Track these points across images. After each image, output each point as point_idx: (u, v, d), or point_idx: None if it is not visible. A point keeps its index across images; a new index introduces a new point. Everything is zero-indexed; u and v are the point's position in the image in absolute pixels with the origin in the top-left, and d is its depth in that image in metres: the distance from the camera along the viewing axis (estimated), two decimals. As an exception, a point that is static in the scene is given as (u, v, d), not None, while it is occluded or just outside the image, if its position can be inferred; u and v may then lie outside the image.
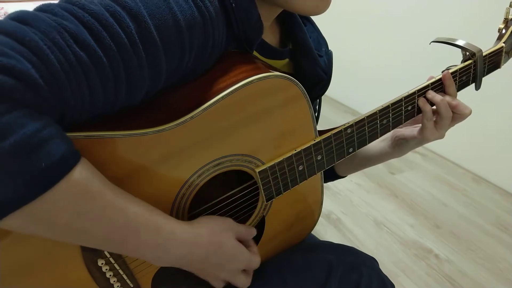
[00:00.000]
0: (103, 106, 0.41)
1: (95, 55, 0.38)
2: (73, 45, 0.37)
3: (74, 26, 0.37)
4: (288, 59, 0.66)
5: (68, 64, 0.36)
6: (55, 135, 0.35)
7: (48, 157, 0.34)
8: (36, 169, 0.34)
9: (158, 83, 0.45)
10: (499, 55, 0.73)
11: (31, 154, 0.33)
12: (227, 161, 0.53)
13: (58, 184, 0.36)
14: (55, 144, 0.35)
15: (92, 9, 0.38)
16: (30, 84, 0.34)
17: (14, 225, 0.37)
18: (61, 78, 0.36)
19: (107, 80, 0.39)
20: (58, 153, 0.35)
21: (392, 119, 0.65)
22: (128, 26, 0.39)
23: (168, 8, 0.42)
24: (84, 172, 0.38)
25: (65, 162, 0.36)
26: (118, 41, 0.39)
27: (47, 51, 0.35)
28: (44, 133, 0.34)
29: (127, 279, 0.52)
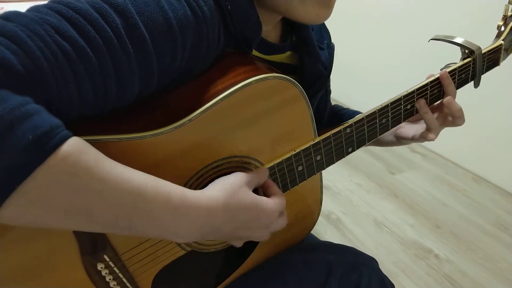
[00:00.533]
0: (95, 103, 0.41)
1: (78, 45, 0.37)
2: (54, 35, 0.36)
3: (56, 20, 0.37)
4: (290, 52, 0.66)
5: (49, 52, 0.36)
6: (41, 110, 0.34)
7: (34, 129, 0.32)
8: (23, 143, 0.31)
9: (150, 82, 0.44)
10: (498, 53, 0.73)
11: (16, 128, 0.31)
12: (226, 163, 0.53)
13: (49, 158, 0.33)
14: (41, 118, 0.33)
15: (77, 6, 0.38)
16: (9, 70, 0.33)
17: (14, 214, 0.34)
18: (43, 65, 0.35)
19: (93, 72, 0.39)
20: (46, 125, 0.33)
21: (391, 118, 0.65)
22: (114, 21, 0.39)
23: (158, 6, 0.42)
24: (77, 144, 0.35)
25: (54, 134, 0.33)
26: (103, 34, 0.38)
27: (26, 39, 0.34)
28: (28, 107, 0.33)
29: (126, 283, 0.52)
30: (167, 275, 0.56)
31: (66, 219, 0.36)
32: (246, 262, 0.65)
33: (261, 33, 0.54)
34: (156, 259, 0.53)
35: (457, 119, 0.67)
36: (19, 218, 0.35)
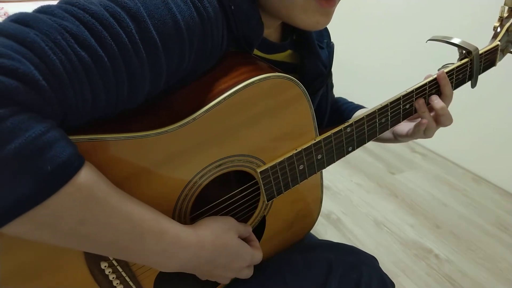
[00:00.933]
0: (105, 108, 0.41)
1: (97, 54, 0.38)
2: (74, 45, 0.36)
3: (74, 27, 0.37)
4: (290, 50, 0.66)
5: (70, 65, 0.36)
6: (60, 138, 0.35)
7: (53, 160, 0.34)
8: (42, 172, 0.33)
9: (158, 84, 0.45)
10: (495, 53, 0.73)
11: (36, 157, 0.33)
12: (229, 162, 0.53)
13: (64, 187, 0.35)
14: (60, 147, 0.35)
15: (92, 9, 0.38)
16: (33, 86, 0.34)
17: (18, 231, 0.36)
18: (64, 78, 0.36)
19: (108, 80, 0.39)
20: (64, 156, 0.35)
21: (391, 118, 0.66)
22: (128, 26, 0.39)
23: (167, 8, 0.42)
24: (89, 175, 0.38)
25: (70, 165, 0.35)
26: (119, 41, 0.39)
27: (49, 52, 0.35)
28: (48, 136, 0.34)
29: (129, 282, 0.52)
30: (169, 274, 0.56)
31: (67, 242, 0.40)
32: (247, 261, 0.65)
33: (262, 34, 0.55)
34: (159, 257, 0.53)
35: (441, 117, 0.68)
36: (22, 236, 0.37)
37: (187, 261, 0.48)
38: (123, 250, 0.43)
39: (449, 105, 0.69)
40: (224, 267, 0.53)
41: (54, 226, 0.37)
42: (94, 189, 0.38)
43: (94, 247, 0.41)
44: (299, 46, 0.66)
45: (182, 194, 0.51)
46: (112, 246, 0.42)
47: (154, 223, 0.44)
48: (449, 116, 0.68)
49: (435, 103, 0.67)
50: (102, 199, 0.39)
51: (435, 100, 0.68)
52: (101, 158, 0.43)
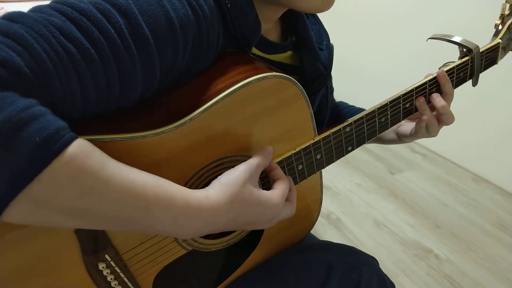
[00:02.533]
0: (97, 104, 0.41)
1: (83, 46, 0.37)
2: (59, 36, 0.36)
3: (60, 21, 0.37)
4: (290, 52, 0.66)
5: (54, 53, 0.36)
6: (47, 112, 0.34)
7: (41, 131, 0.32)
8: (30, 145, 0.32)
9: (152, 82, 0.44)
10: (496, 51, 0.73)
11: (23, 130, 0.32)
12: (227, 162, 0.53)
13: (56, 159, 0.33)
14: (47, 120, 0.33)
15: (81, 6, 0.38)
16: (16, 72, 0.33)
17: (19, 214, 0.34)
18: (48, 66, 0.35)
19: (97, 73, 0.39)
20: (52, 128, 0.33)
21: (390, 117, 0.65)
22: (117, 21, 0.39)
23: (160, 6, 0.42)
24: (82, 146, 0.36)
25: (60, 136, 0.34)
26: (107, 35, 0.39)
27: (31, 41, 0.35)
28: (34, 109, 0.33)
29: (128, 282, 0.52)
30: (168, 275, 0.56)
31: (70, 219, 0.37)
32: (247, 261, 0.65)
33: (260, 32, 0.55)
34: (157, 258, 0.53)
35: (442, 115, 0.68)
36: (24, 218, 0.35)
37: (202, 227, 0.44)
38: (130, 222, 0.40)
39: (450, 104, 0.69)
40: (252, 222, 0.49)
41: (52, 202, 0.35)
42: (88, 160, 0.36)
43: (99, 222, 0.39)
44: (298, 47, 0.66)
45: (180, 194, 0.51)
46: (118, 219, 0.39)
47: (159, 189, 0.40)
48: (450, 114, 0.68)
49: (436, 102, 0.67)
50: (98, 169, 0.36)
51: (436, 99, 0.67)
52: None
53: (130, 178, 0.38)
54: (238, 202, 0.46)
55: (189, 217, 0.42)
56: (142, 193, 0.39)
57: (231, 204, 0.46)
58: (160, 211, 0.40)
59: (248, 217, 0.48)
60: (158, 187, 0.40)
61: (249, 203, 0.48)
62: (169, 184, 0.42)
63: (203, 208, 0.43)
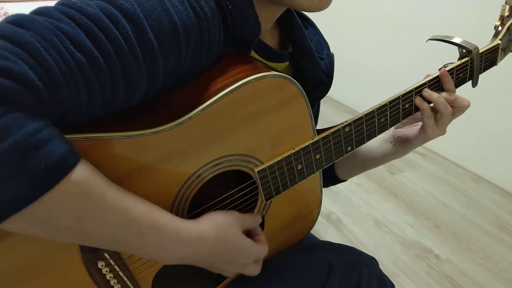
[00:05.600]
0: (102, 108, 0.41)
1: (93, 56, 0.38)
2: (70, 46, 0.37)
3: (70, 28, 0.37)
4: (288, 62, 0.66)
5: (65, 66, 0.36)
6: (54, 135, 0.35)
7: (47, 157, 0.34)
8: (36, 170, 0.33)
9: (155, 84, 0.45)
10: (496, 52, 0.73)
11: (30, 155, 0.33)
12: (226, 161, 0.53)
13: (59, 184, 0.35)
14: (54, 145, 0.35)
15: (89, 11, 0.38)
16: (28, 86, 0.34)
17: (14, 228, 0.36)
18: (59, 79, 0.36)
19: (105, 82, 0.39)
20: (58, 153, 0.35)
21: (390, 117, 0.65)
22: (125, 27, 0.39)
23: (164, 9, 0.42)
24: (85, 172, 0.38)
25: (65, 162, 0.36)
26: (115, 43, 0.39)
27: (44, 53, 0.35)
28: (43, 133, 0.34)
29: (127, 281, 0.52)
30: (167, 274, 0.56)
31: (65, 237, 0.40)
32: (246, 261, 0.65)
33: (260, 33, 0.55)
34: (156, 257, 0.53)
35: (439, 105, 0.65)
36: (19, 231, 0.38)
37: (187, 256, 0.48)
38: (122, 244, 0.43)
39: None
40: (227, 262, 0.53)
41: (51, 222, 0.37)
42: (90, 186, 0.38)
43: (92, 241, 0.42)
44: (297, 57, 0.66)
45: (179, 193, 0.51)
46: (111, 241, 0.42)
47: (152, 218, 0.44)
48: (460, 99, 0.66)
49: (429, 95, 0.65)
50: (98, 195, 0.39)
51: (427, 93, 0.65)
52: (96, 157, 0.43)
53: (126, 205, 0.41)
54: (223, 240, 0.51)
55: (177, 244, 0.46)
56: (136, 220, 0.42)
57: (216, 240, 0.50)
58: (151, 237, 0.43)
59: (226, 256, 0.52)
60: (151, 216, 0.44)
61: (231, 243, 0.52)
62: (162, 213, 0.45)
63: (191, 239, 0.47)
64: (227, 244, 0.51)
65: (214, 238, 0.49)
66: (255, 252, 0.55)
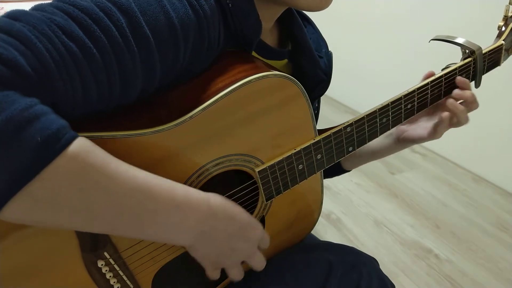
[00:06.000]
0: (98, 101, 0.41)
1: (85, 45, 0.38)
2: (61, 36, 0.37)
3: (63, 20, 0.37)
4: (287, 60, 0.66)
5: (57, 53, 0.36)
6: (48, 111, 0.34)
7: (42, 130, 0.33)
8: (31, 144, 0.32)
9: (153, 80, 0.45)
10: (499, 53, 0.73)
11: (24, 129, 0.32)
12: (227, 161, 0.53)
13: (56, 159, 0.34)
14: (49, 119, 0.34)
15: (82, 5, 0.38)
16: (18, 71, 0.34)
17: (19, 213, 0.35)
18: (50, 66, 0.36)
19: (99, 72, 0.39)
20: (54, 127, 0.34)
21: (392, 118, 0.65)
22: (119, 20, 0.39)
23: (160, 6, 0.42)
24: (83, 145, 0.36)
25: (61, 135, 0.34)
26: (109, 34, 0.39)
27: (34, 40, 0.35)
28: (36, 108, 0.33)
29: (127, 280, 0.52)
30: (167, 273, 0.56)
31: (71, 218, 0.38)
32: (246, 261, 0.65)
33: (261, 32, 0.55)
34: (156, 256, 0.53)
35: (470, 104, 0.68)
36: (24, 217, 0.36)
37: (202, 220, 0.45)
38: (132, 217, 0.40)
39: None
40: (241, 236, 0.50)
41: (53, 200, 0.35)
42: (89, 158, 0.36)
43: (100, 220, 0.39)
44: (296, 55, 0.66)
45: (180, 193, 0.51)
46: (120, 216, 0.39)
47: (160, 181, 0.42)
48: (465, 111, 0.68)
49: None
50: (100, 165, 0.37)
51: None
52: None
53: (131, 174, 0.39)
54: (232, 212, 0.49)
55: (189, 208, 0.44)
56: (144, 185, 0.40)
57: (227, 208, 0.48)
58: (164, 202, 0.41)
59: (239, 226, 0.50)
60: (159, 181, 0.42)
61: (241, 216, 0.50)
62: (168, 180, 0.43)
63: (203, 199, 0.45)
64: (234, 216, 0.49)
65: (225, 205, 0.48)
66: (260, 231, 0.53)
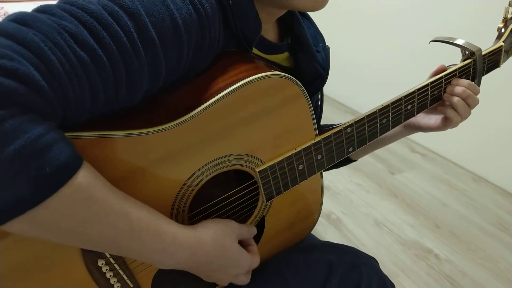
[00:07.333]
0: (104, 106, 0.41)
1: (96, 54, 0.38)
2: (73, 45, 0.37)
3: (73, 26, 0.37)
4: (288, 53, 0.66)
5: (69, 65, 0.36)
6: (58, 139, 0.35)
7: (52, 161, 0.34)
8: (40, 174, 0.34)
9: (157, 82, 0.45)
10: (499, 54, 0.73)
11: (35, 160, 0.33)
12: (227, 161, 0.53)
13: (62, 189, 0.35)
14: (58, 149, 0.35)
15: (91, 8, 0.38)
16: (33, 87, 0.34)
17: (16, 229, 0.36)
18: (63, 79, 0.36)
19: (107, 79, 0.39)
20: (63, 158, 0.35)
21: (392, 118, 0.65)
22: (127, 24, 0.39)
23: (165, 6, 0.42)
24: (87, 176, 0.38)
25: (69, 167, 0.36)
26: (118, 40, 0.39)
27: (48, 52, 0.35)
28: (47, 137, 0.34)
29: (127, 280, 0.52)
30: (167, 273, 0.56)
31: (65, 241, 0.41)
32: (247, 261, 0.65)
33: (261, 31, 0.55)
34: (157, 257, 0.53)
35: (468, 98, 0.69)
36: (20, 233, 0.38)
37: (183, 261, 0.48)
38: (122, 248, 0.43)
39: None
40: (220, 271, 0.53)
41: (53, 225, 0.37)
42: (92, 190, 0.38)
43: (93, 245, 0.42)
44: (295, 49, 0.66)
45: (180, 193, 0.51)
46: (111, 245, 0.42)
47: (152, 223, 0.44)
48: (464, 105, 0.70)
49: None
50: (100, 199, 0.39)
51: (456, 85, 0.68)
52: (98, 155, 0.43)
53: (127, 209, 0.42)
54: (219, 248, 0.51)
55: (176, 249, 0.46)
56: (136, 224, 0.42)
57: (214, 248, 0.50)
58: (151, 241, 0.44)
59: (222, 264, 0.52)
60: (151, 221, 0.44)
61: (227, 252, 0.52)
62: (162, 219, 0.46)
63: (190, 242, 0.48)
64: (223, 252, 0.52)
65: (211, 244, 0.50)
66: (248, 262, 0.56)
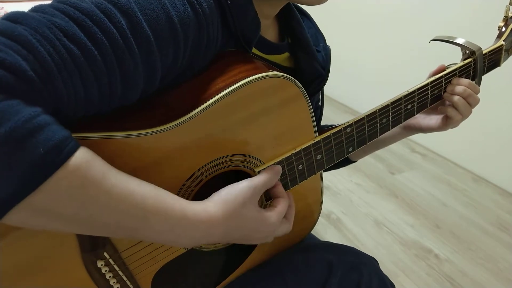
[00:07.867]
0: (99, 103, 0.41)
1: (86, 48, 0.38)
2: (63, 38, 0.36)
3: (64, 22, 0.37)
4: (288, 53, 0.66)
5: (58, 57, 0.36)
6: (52, 121, 0.35)
7: (45, 142, 0.33)
8: (34, 156, 0.32)
9: (154, 81, 0.45)
10: (499, 53, 0.73)
11: (28, 141, 0.32)
12: (227, 162, 0.53)
13: (59, 170, 0.34)
14: (52, 130, 0.34)
15: (83, 6, 0.38)
16: (21, 77, 0.33)
17: (18, 220, 0.35)
18: (52, 70, 0.36)
19: (100, 74, 0.39)
20: (56, 138, 0.34)
21: (392, 118, 0.65)
22: (119, 21, 0.39)
23: (160, 4, 0.42)
24: (84, 157, 0.36)
25: (64, 147, 0.34)
26: (110, 36, 0.39)
27: (36, 44, 0.35)
28: (39, 119, 0.33)
29: (127, 280, 0.52)
30: (167, 273, 0.56)
31: (69, 226, 0.39)
32: (246, 261, 0.65)
33: (260, 30, 0.55)
34: (156, 257, 0.53)
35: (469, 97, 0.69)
36: (22, 223, 0.36)
37: (199, 238, 0.46)
38: (129, 230, 0.41)
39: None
40: (247, 239, 0.51)
41: (54, 211, 0.36)
42: (90, 171, 0.37)
43: (99, 229, 0.40)
44: (295, 49, 0.66)
45: (179, 194, 0.51)
46: (118, 228, 0.40)
47: (157, 201, 0.42)
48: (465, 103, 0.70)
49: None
50: (100, 180, 0.37)
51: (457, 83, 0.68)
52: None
53: (130, 189, 0.40)
54: (235, 218, 0.48)
55: (186, 228, 0.44)
56: (141, 203, 0.40)
57: (228, 220, 0.47)
58: (158, 221, 0.42)
59: (243, 232, 0.50)
60: (157, 198, 0.42)
61: (245, 220, 0.49)
62: (167, 195, 0.43)
63: (200, 220, 0.45)
64: (240, 221, 0.49)
65: (225, 220, 0.47)
66: (274, 220, 0.52)
